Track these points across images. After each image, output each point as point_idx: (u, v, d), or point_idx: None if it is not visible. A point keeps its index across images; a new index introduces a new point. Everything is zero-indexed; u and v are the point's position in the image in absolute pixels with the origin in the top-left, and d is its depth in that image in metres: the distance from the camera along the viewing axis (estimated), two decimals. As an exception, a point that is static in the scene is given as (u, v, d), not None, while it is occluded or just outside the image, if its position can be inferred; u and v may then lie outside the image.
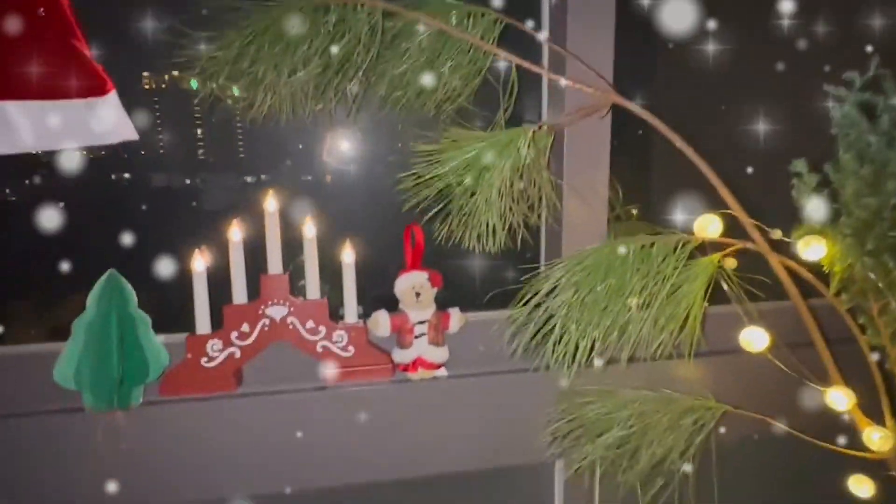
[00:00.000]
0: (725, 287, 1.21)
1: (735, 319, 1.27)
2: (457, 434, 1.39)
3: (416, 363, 1.37)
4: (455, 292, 1.49)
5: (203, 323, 1.32)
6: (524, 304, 1.13)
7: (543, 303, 1.14)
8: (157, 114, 1.43)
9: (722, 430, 1.40)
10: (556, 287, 1.13)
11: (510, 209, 1.21)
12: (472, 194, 1.17)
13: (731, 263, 1.20)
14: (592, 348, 1.15)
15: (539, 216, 1.28)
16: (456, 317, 1.39)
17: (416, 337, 1.36)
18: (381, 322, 1.36)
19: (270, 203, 1.32)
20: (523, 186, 1.23)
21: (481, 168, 1.16)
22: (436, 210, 1.20)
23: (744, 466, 1.63)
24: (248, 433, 1.32)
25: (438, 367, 1.38)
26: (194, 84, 1.23)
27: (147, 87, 1.49)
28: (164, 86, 1.48)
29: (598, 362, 1.17)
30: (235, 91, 1.22)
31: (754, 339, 1.17)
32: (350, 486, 1.38)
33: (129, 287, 1.27)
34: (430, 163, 1.16)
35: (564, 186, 1.38)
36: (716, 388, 1.34)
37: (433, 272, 1.37)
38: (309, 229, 1.35)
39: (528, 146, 1.17)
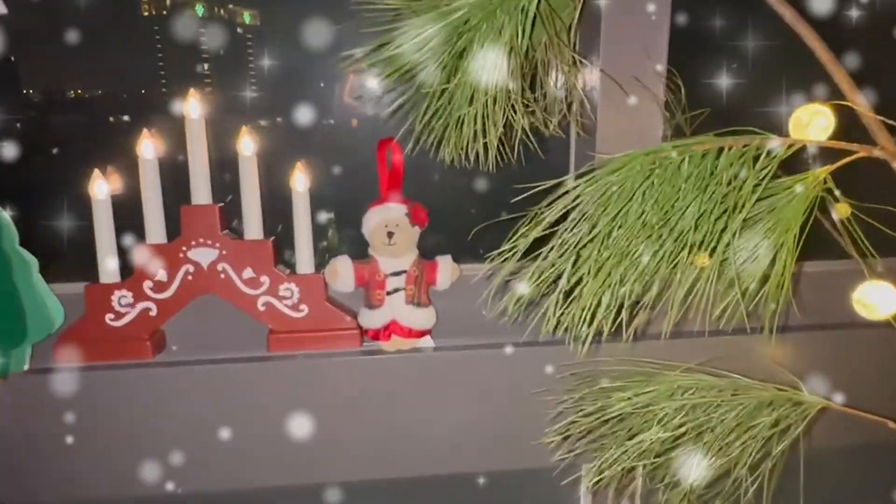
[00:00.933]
0: (831, 227, 0.80)
1: (841, 279, 0.87)
2: (443, 426, 1.03)
3: (389, 329, 1.01)
4: (447, 235, 1.12)
5: (107, 269, 1.00)
6: (522, 245, 0.76)
7: (551, 240, 0.76)
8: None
9: (816, 434, 0.99)
10: (568, 215, 0.75)
11: (511, 109, 0.84)
12: (448, 84, 0.80)
13: (843, 211, 0.79)
14: (621, 309, 0.77)
15: (558, 123, 0.90)
16: (446, 267, 1.03)
17: (389, 293, 1.00)
18: (342, 271, 1.01)
19: (192, 105, 0.98)
20: (534, 73, 0.86)
21: (465, 40, 0.79)
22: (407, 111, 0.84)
23: (845, 487, 1.20)
24: (165, 416, 0.99)
25: (420, 335, 1.03)
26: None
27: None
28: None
29: (628, 331, 0.79)
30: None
31: (878, 299, 0.75)
32: (296, 489, 1.04)
33: (5, 218, 0.96)
34: (391, 33, 0.79)
35: (598, 77, 0.99)
36: (808, 375, 0.94)
37: (415, 205, 1.01)
38: (246, 145, 1.00)
39: (540, 5, 0.78)
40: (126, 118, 1.06)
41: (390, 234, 0.99)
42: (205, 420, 1.00)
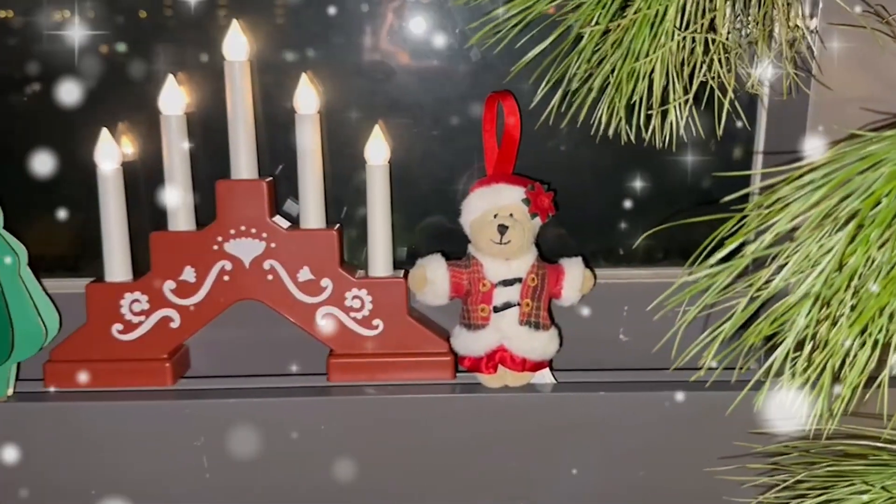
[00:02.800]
0: None
1: None
2: (565, 495, 0.74)
3: (496, 357, 0.73)
4: (579, 233, 0.83)
5: (116, 264, 0.74)
6: (722, 260, 0.46)
7: (763, 260, 0.46)
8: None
9: None
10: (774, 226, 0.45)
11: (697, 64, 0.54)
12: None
13: None
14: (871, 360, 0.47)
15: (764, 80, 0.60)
16: (575, 275, 0.74)
17: (498, 309, 0.72)
18: (433, 277, 0.72)
19: (232, 40, 0.71)
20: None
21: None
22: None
23: None
24: (187, 463, 0.73)
25: (536, 367, 0.74)
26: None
27: None
28: None
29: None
30: None
31: None
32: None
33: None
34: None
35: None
36: None
37: (536, 187, 0.72)
38: (306, 97, 0.73)
39: None
40: (142, 60, 0.79)
41: (503, 229, 0.70)
42: (240, 471, 0.73)
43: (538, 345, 0.72)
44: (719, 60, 0.56)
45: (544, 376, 0.74)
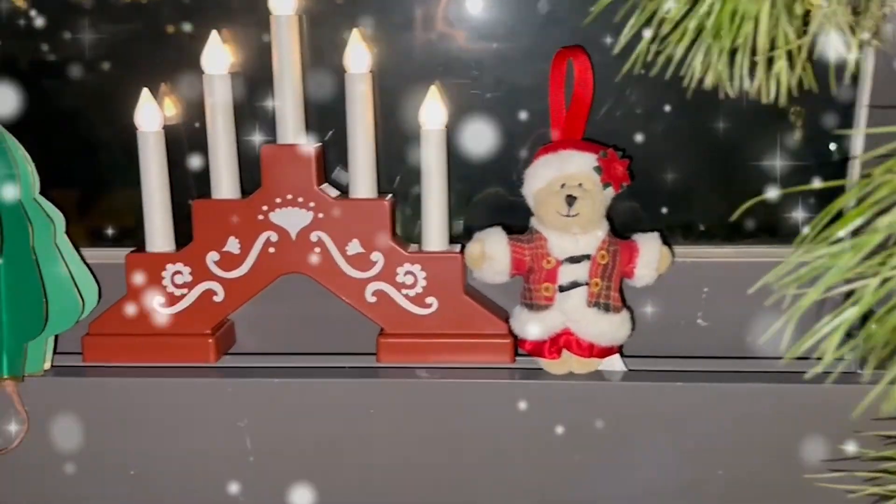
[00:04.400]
0: None
1: None
2: (639, 492, 0.68)
3: (560, 341, 0.66)
4: (656, 205, 0.76)
5: (157, 232, 0.70)
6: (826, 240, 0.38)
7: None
8: None
9: None
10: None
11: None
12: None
13: None
14: None
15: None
16: (651, 252, 0.67)
17: (564, 288, 0.65)
18: (493, 252, 0.66)
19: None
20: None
21: None
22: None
23: None
24: (229, 445, 0.69)
25: (605, 353, 0.67)
26: None
27: None
28: None
29: None
30: None
31: None
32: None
33: (21, 157, 0.67)
34: None
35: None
36: None
37: (609, 153, 0.65)
38: (357, 55, 0.67)
39: None
40: (184, 16, 0.74)
41: (571, 200, 0.63)
42: (284, 454, 0.69)
43: (607, 328, 0.66)
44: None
45: (614, 363, 0.68)
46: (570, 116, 0.67)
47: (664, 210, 0.76)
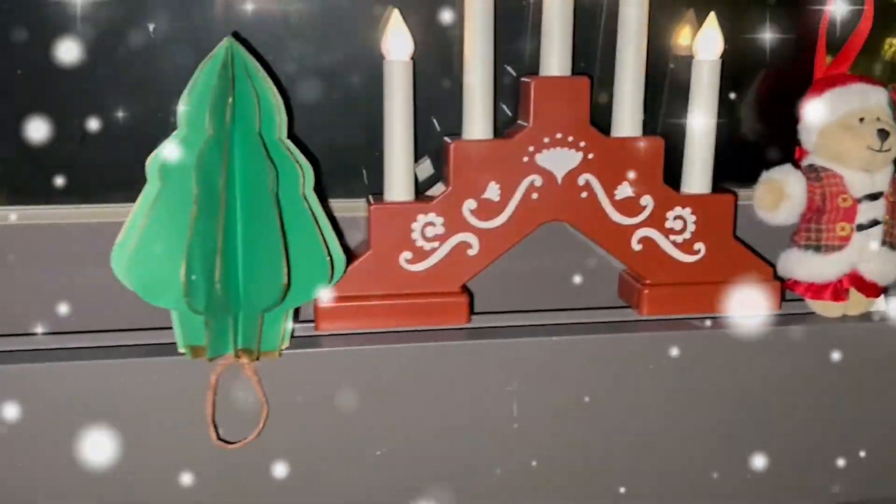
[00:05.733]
0: None
1: None
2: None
3: (849, 281, 0.64)
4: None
5: (401, 179, 0.61)
6: None
7: None
8: None
9: None
10: None
11: None
12: None
13: None
14: None
15: None
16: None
17: (863, 227, 0.63)
18: (794, 192, 0.63)
19: None
20: None
21: None
22: None
23: None
24: (494, 409, 0.62)
25: (878, 293, 0.66)
26: None
27: None
28: None
29: None
30: None
31: None
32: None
33: (263, 81, 0.55)
34: None
35: None
36: None
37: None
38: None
39: None
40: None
41: (884, 135, 0.60)
42: (552, 419, 0.63)
43: (893, 268, 0.64)
44: None
45: (884, 303, 0.66)
46: (847, 47, 0.64)
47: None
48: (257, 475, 0.59)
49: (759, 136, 0.76)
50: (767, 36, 0.73)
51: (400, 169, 0.61)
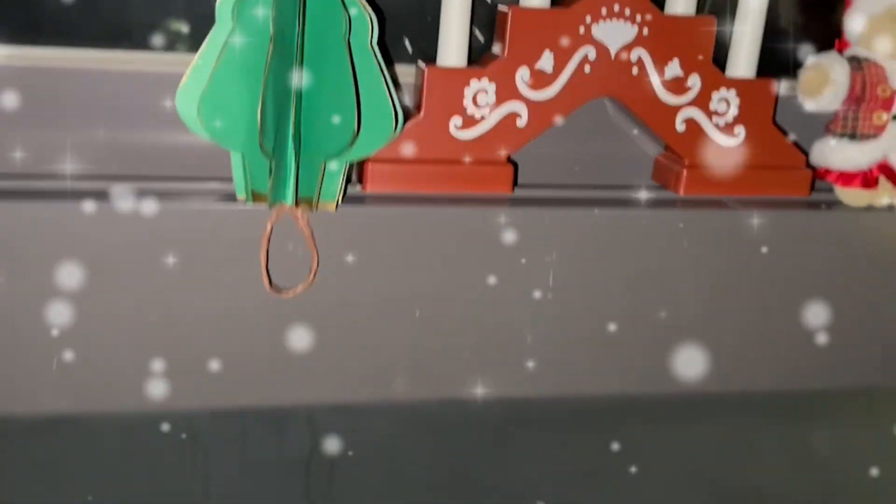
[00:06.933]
0: None
1: None
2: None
3: (880, 170, 0.66)
4: None
5: (456, 43, 0.61)
6: None
7: None
8: None
9: None
10: None
11: None
12: None
13: None
14: None
15: None
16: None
17: (896, 117, 0.65)
18: (838, 78, 0.64)
19: None
20: None
21: None
22: None
23: None
24: (532, 278, 0.64)
25: (904, 184, 0.68)
26: None
27: None
28: None
29: None
30: None
31: None
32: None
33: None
34: None
35: None
36: None
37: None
38: None
39: None
40: None
41: (935, 24, 0.61)
42: (588, 290, 0.65)
43: (924, 160, 0.66)
44: None
45: (904, 194, 0.69)
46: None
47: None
48: (302, 326, 0.61)
49: (800, 29, 0.77)
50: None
51: (455, 34, 0.61)
